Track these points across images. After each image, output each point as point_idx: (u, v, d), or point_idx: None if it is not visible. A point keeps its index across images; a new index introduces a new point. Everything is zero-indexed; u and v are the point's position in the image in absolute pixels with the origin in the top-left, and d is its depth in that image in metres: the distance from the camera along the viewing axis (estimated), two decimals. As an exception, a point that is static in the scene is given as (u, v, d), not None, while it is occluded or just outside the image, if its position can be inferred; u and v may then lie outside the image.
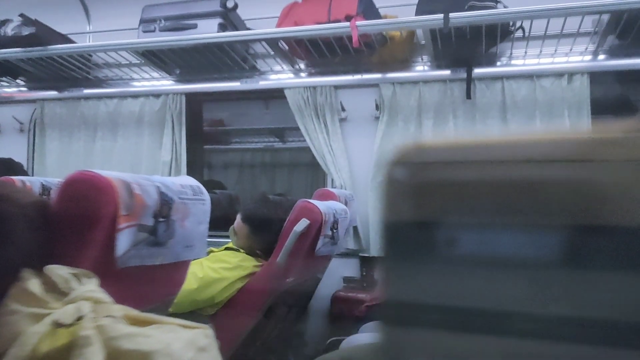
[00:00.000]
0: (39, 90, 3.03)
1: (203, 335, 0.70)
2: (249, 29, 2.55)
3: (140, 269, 0.88)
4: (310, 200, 1.75)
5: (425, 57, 2.49)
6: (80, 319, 0.65)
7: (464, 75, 2.36)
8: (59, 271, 0.71)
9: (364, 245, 2.48)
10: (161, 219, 0.89)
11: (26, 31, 2.55)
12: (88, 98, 2.94)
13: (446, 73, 2.42)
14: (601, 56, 2.30)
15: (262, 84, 2.72)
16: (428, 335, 0.38)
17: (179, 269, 1.10)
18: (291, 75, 2.69)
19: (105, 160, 2.86)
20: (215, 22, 2.40)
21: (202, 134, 3.38)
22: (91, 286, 0.71)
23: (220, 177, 3.69)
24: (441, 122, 2.41)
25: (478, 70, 2.37)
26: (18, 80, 3.03)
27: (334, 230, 1.82)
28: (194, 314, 1.65)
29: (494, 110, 2.37)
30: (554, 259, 0.35)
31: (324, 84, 2.54)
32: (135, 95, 2.88)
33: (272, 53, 2.55)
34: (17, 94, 3.09)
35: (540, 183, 0.35)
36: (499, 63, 2.41)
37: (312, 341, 2.37)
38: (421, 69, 2.51)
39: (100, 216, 0.79)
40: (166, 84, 2.86)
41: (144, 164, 2.82)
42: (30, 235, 0.74)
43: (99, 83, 2.94)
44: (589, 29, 2.20)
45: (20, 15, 2.60)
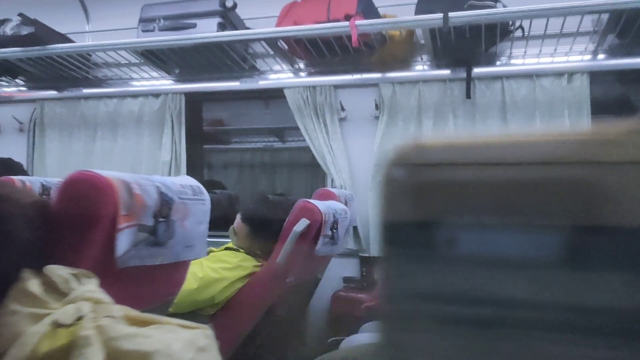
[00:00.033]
0: (38, 90, 3.03)
1: (203, 335, 0.70)
2: (248, 28, 2.55)
3: (140, 269, 0.88)
4: (310, 200, 1.75)
5: (424, 57, 2.49)
6: (80, 319, 0.64)
7: (463, 74, 2.36)
8: (58, 271, 0.70)
9: (364, 245, 2.48)
10: (161, 219, 0.89)
11: (25, 31, 2.55)
12: (88, 98, 2.94)
13: (446, 73, 2.43)
14: (601, 55, 2.30)
15: (262, 83, 2.72)
16: (428, 335, 0.38)
17: (179, 269, 1.10)
18: (291, 74, 2.69)
19: (105, 160, 2.86)
20: (214, 22, 2.40)
21: (202, 134, 3.38)
22: (91, 286, 0.71)
23: (220, 177, 3.70)
24: (441, 122, 2.41)
25: (478, 70, 2.37)
26: (17, 80, 3.03)
27: (334, 230, 1.82)
28: (194, 314, 1.65)
29: (493, 110, 2.37)
30: (554, 260, 0.35)
31: (324, 84, 2.54)
32: (135, 95, 2.88)
33: (272, 53, 2.55)
34: (17, 93, 3.09)
35: (540, 183, 0.35)
36: (498, 63, 2.41)
37: (312, 341, 2.37)
38: (421, 68, 2.51)
39: (100, 216, 0.79)
40: (166, 83, 2.86)
41: (144, 163, 2.82)
42: (30, 235, 0.74)
43: (98, 83, 2.94)
44: (589, 28, 2.20)
45: (20, 14, 2.60)
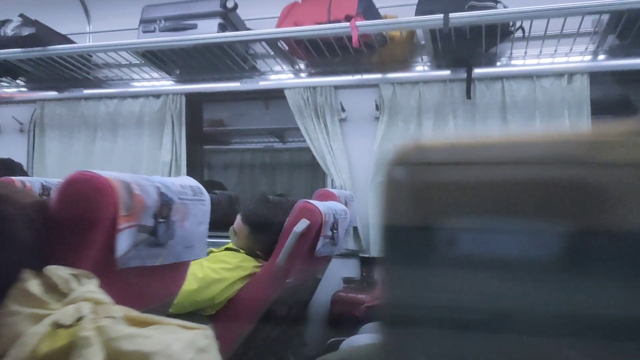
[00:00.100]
0: (39, 91, 3.03)
1: (203, 336, 0.70)
2: (249, 29, 2.55)
3: (140, 270, 0.88)
4: (310, 200, 1.75)
5: (425, 57, 2.49)
6: (80, 319, 0.64)
7: (463, 75, 2.36)
8: (58, 272, 0.70)
9: (364, 246, 2.48)
10: (161, 220, 0.89)
11: (26, 31, 2.55)
12: (88, 98, 2.94)
13: (446, 73, 2.42)
14: (601, 56, 2.30)
15: (262, 84, 2.72)
16: (428, 336, 0.38)
17: (179, 269, 1.10)
18: (291, 75, 2.69)
19: (105, 160, 2.86)
20: (215, 23, 2.40)
21: (202, 135, 3.38)
22: (91, 287, 0.71)
23: (220, 178, 3.69)
24: (441, 123, 2.40)
25: (478, 71, 2.37)
26: (18, 81, 3.03)
27: (334, 231, 1.82)
28: (194, 314, 1.65)
29: (494, 111, 2.37)
30: (554, 261, 0.35)
31: (324, 84, 2.54)
32: (135, 96, 2.88)
33: (272, 53, 2.55)
34: (17, 94, 3.10)
35: (540, 184, 0.35)
36: (498, 63, 2.41)
37: (312, 342, 2.36)
38: (421, 69, 2.51)
39: (100, 217, 0.79)
40: (166, 84, 2.86)
41: (144, 164, 2.82)
42: (30, 235, 0.74)
43: (99, 83, 2.94)
44: (589, 29, 2.20)
45: (20, 15, 2.60)
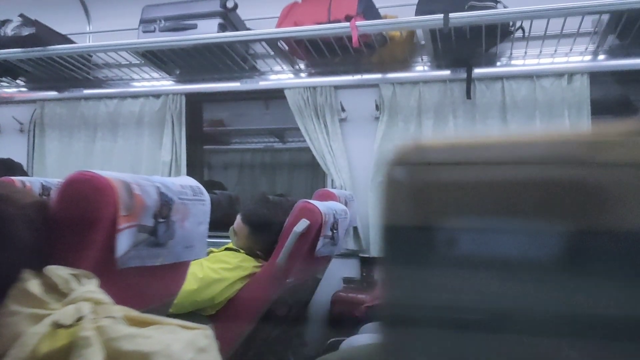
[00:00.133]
0: (39, 91, 3.03)
1: (203, 336, 0.70)
2: (249, 29, 2.55)
3: (140, 270, 0.88)
4: (310, 200, 1.75)
5: (425, 57, 2.49)
6: (80, 319, 0.64)
7: (463, 75, 2.36)
8: (59, 272, 0.70)
9: (364, 246, 2.48)
10: (161, 220, 0.89)
11: (26, 31, 2.55)
12: (88, 98, 2.94)
13: (446, 73, 2.42)
14: (601, 56, 2.30)
15: (262, 84, 2.72)
16: (428, 336, 0.38)
17: (179, 269, 1.10)
18: (291, 75, 2.69)
19: (105, 160, 2.86)
20: (215, 23, 2.40)
21: (202, 135, 3.38)
22: (91, 287, 0.71)
23: (220, 178, 3.69)
24: (441, 123, 2.40)
25: (478, 71, 2.37)
26: (18, 81, 3.03)
27: (334, 231, 1.82)
28: (194, 314, 1.65)
29: (494, 111, 2.37)
30: (554, 261, 0.35)
31: (324, 84, 2.54)
32: (135, 96, 2.88)
33: (272, 53, 2.55)
34: (17, 94, 3.10)
35: (540, 184, 0.35)
36: (498, 63, 2.41)
37: (312, 342, 2.36)
38: (421, 69, 2.51)
39: (100, 217, 0.79)
40: (166, 84, 2.86)
41: (144, 164, 2.82)
42: (30, 235, 0.74)
43: (99, 83, 2.94)
44: (589, 29, 2.20)
45: (20, 15, 2.60)
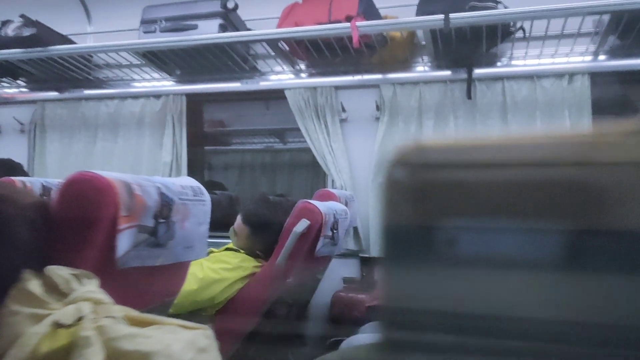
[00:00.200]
0: (39, 91, 3.03)
1: (203, 336, 0.70)
2: (250, 29, 2.55)
3: (141, 270, 0.88)
4: (310, 200, 1.75)
5: (425, 58, 2.49)
6: (80, 319, 0.65)
7: (464, 75, 2.36)
8: (59, 272, 0.71)
9: (364, 246, 2.48)
10: (161, 220, 0.89)
11: (27, 32, 2.55)
12: (89, 99, 2.94)
13: (446, 74, 2.43)
14: (602, 56, 2.30)
15: (263, 84, 2.72)
16: (428, 336, 0.38)
17: (179, 269, 1.10)
18: (291, 76, 2.69)
19: (105, 161, 2.86)
20: (215, 23, 2.40)
21: (203, 135, 3.39)
22: (91, 287, 0.71)
23: (220, 178, 3.70)
24: (442, 123, 2.40)
25: (478, 71, 2.37)
26: (19, 81, 3.03)
27: (334, 231, 1.82)
28: (194, 314, 1.65)
29: (494, 111, 2.36)
30: (555, 261, 0.35)
31: (325, 85, 2.54)
32: (136, 96, 2.88)
33: (273, 54, 2.55)
34: (18, 94, 3.10)
35: (540, 184, 0.35)
36: (499, 63, 2.41)
37: (312, 342, 2.36)
38: (421, 69, 2.51)
39: (101, 217, 0.79)
40: (167, 84, 2.86)
41: (145, 164, 2.82)
42: (30, 236, 0.74)
43: (99, 84, 2.94)
44: (590, 29, 2.20)
45: (21, 16, 2.60)
